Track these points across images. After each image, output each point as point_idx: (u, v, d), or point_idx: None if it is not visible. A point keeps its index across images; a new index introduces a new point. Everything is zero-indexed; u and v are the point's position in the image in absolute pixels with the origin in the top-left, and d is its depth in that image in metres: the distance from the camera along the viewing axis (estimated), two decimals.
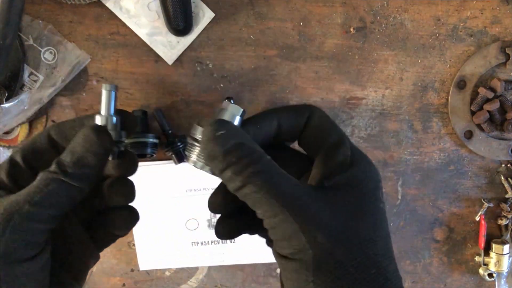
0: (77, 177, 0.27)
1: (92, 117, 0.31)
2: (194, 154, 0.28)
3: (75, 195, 0.28)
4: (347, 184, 0.27)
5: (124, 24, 0.52)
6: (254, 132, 0.30)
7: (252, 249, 0.58)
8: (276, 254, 0.27)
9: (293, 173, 0.27)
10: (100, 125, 0.29)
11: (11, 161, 0.30)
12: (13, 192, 0.28)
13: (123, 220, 0.33)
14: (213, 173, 0.28)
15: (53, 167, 0.27)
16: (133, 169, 0.33)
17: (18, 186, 0.29)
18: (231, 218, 0.31)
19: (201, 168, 0.28)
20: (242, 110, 0.29)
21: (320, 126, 0.30)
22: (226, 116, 0.29)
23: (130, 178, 0.33)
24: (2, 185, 0.29)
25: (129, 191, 0.33)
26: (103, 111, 0.30)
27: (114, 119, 0.30)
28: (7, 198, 0.27)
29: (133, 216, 0.34)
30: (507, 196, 0.59)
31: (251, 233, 0.32)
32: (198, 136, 0.28)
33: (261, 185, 0.25)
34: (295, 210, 0.25)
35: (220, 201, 0.30)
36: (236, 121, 0.29)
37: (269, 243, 0.32)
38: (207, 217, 0.57)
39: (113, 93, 0.30)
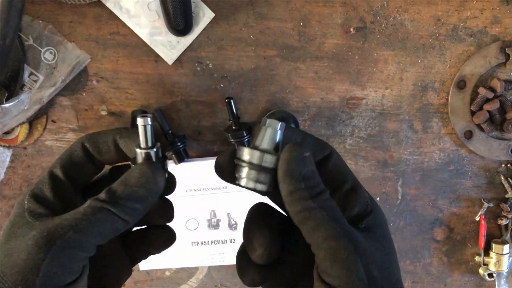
0: (126, 210, 0.27)
1: (122, 132, 0.31)
2: (244, 174, 0.28)
3: (120, 227, 0.27)
4: (375, 226, 0.29)
5: (124, 24, 0.52)
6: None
7: None
8: (322, 283, 0.26)
9: None
10: (157, 163, 0.29)
11: (52, 176, 0.30)
12: (56, 208, 0.28)
13: (162, 240, 0.34)
14: (265, 190, 0.28)
15: (103, 195, 0.27)
16: (173, 191, 0.34)
17: (62, 200, 0.29)
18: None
19: (254, 186, 0.28)
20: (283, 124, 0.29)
21: (338, 167, 0.31)
22: (278, 135, 0.29)
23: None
24: (46, 203, 0.28)
25: (171, 213, 0.34)
26: (142, 144, 0.30)
27: (155, 150, 0.30)
28: (51, 221, 0.26)
29: (171, 237, 0.35)
30: (507, 196, 0.59)
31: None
32: (245, 158, 0.28)
33: (331, 210, 0.26)
34: (353, 240, 0.25)
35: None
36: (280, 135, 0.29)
37: None
38: (207, 217, 0.57)
39: (149, 127, 0.29)
